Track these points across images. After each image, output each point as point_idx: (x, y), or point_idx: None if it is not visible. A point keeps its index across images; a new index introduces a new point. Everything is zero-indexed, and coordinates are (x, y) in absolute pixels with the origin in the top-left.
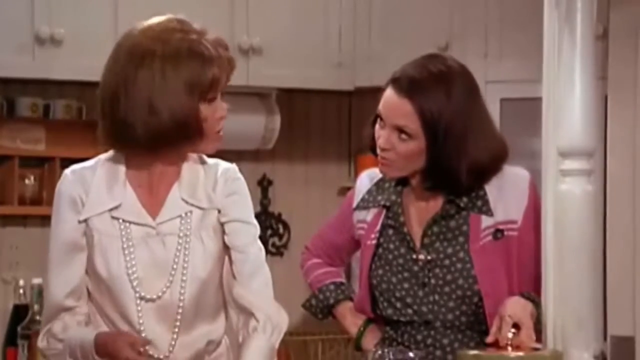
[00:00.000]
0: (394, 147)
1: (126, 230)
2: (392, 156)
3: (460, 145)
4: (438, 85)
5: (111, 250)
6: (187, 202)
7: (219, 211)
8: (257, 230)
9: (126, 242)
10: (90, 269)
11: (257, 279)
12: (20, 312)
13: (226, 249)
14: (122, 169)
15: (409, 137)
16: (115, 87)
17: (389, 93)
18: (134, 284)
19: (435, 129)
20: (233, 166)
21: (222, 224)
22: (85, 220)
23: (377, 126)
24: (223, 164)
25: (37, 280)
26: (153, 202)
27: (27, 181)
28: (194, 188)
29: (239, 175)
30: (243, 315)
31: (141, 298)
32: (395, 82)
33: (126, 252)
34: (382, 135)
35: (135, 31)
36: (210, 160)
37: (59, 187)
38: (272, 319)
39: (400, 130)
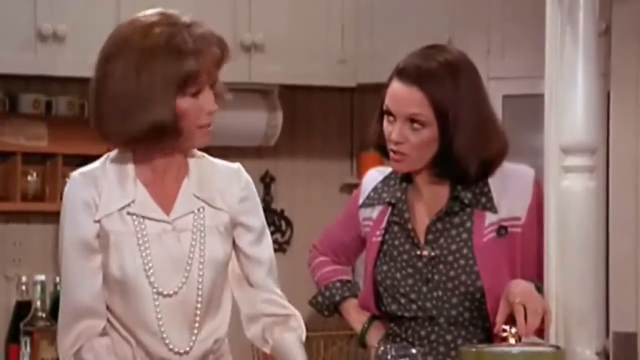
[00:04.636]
0: (407, 139)
1: (140, 226)
2: (406, 149)
3: (472, 133)
4: (445, 71)
5: (127, 248)
6: (198, 198)
7: (231, 214)
8: (267, 232)
9: (141, 238)
10: (104, 271)
11: (277, 284)
12: (22, 309)
13: (235, 249)
14: (130, 166)
15: (422, 126)
16: (94, 80)
17: (396, 85)
18: (151, 279)
19: (446, 114)
20: (240, 166)
21: (233, 226)
22: (99, 221)
23: (385, 123)
24: (230, 165)
25: (39, 277)
26: (164, 197)
27: (29, 178)
28: (204, 184)
29: (247, 175)
30: (272, 318)
31: (159, 294)
32: (402, 72)
33: (142, 247)
34: (393, 129)
35: (123, 24)
36: (215, 160)
37: (69, 191)
38: (301, 322)
39: (413, 120)
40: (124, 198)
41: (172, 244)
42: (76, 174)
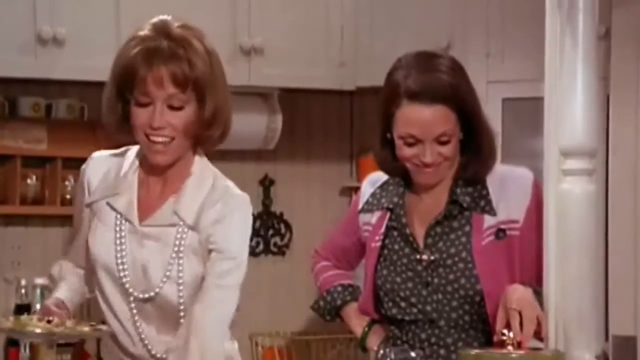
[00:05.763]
0: (439, 154)
1: (120, 221)
2: (439, 161)
3: (487, 125)
4: (454, 77)
5: (107, 240)
6: (177, 216)
7: (202, 235)
8: (237, 262)
9: (119, 232)
10: (89, 255)
11: (211, 313)
12: (22, 312)
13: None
14: (136, 163)
15: (450, 138)
16: None
17: (415, 109)
18: (120, 274)
19: (471, 116)
20: (239, 194)
21: (208, 250)
22: (91, 204)
23: (403, 148)
24: (230, 190)
25: (39, 280)
26: (148, 204)
27: (29, 181)
28: (190, 204)
29: (241, 203)
30: (186, 332)
31: (126, 293)
32: (417, 95)
33: (117, 242)
34: (421, 152)
35: None
36: (223, 183)
37: (85, 166)
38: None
39: (442, 136)
40: (113, 190)
41: (136, 249)
42: (96, 154)
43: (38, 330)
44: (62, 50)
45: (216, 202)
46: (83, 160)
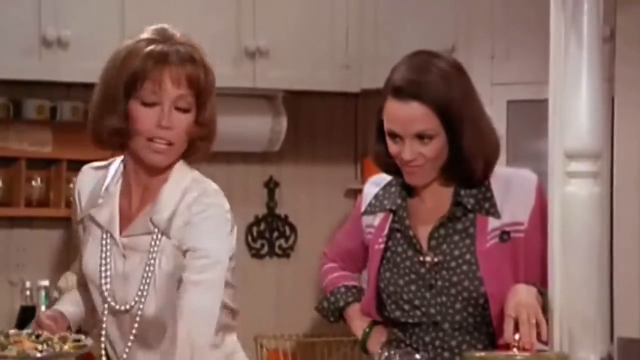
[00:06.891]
0: (420, 154)
1: (104, 234)
2: (420, 162)
3: (476, 131)
4: (440, 78)
5: (94, 254)
6: (152, 223)
7: (173, 239)
8: (212, 260)
9: (104, 246)
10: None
11: (192, 308)
12: (26, 314)
13: None
14: (119, 174)
15: (432, 137)
16: None
17: (395, 105)
18: (102, 287)
19: (453, 119)
20: (213, 195)
21: (183, 252)
22: (82, 220)
23: (390, 144)
24: (205, 192)
25: (43, 282)
26: (129, 214)
27: (33, 183)
28: (164, 210)
29: (213, 203)
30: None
31: (109, 306)
32: (398, 91)
33: (102, 256)
34: (402, 149)
35: None
36: (201, 186)
37: (77, 179)
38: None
39: (421, 135)
40: (98, 203)
41: (119, 261)
42: (87, 167)
43: (13, 353)
44: (67, 52)
45: (188, 206)
46: (88, 162)
